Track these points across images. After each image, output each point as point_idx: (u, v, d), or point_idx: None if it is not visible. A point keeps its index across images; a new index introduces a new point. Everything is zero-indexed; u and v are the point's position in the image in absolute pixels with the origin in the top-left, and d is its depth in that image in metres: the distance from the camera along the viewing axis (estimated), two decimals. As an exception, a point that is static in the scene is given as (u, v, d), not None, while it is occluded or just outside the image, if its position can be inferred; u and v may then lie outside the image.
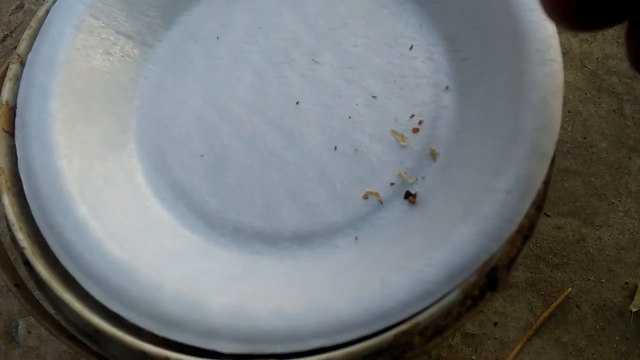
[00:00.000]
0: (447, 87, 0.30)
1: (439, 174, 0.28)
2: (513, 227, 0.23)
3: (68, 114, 0.28)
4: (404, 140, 0.29)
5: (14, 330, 0.52)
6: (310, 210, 0.28)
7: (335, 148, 0.30)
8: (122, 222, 0.27)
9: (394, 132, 0.30)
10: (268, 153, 0.30)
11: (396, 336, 0.22)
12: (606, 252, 0.50)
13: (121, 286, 0.24)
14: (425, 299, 0.22)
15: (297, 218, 0.28)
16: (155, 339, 0.24)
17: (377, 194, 0.29)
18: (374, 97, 0.31)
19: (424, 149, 0.29)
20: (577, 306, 0.48)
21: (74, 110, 0.29)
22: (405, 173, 0.29)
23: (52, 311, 0.27)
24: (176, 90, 0.32)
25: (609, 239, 0.51)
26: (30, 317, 0.49)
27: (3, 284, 0.49)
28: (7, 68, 0.30)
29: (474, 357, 0.47)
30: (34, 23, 0.31)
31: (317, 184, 0.29)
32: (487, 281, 0.25)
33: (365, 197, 0.29)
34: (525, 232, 0.25)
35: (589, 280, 0.49)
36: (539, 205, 0.26)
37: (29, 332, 0.51)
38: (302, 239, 0.28)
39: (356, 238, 0.28)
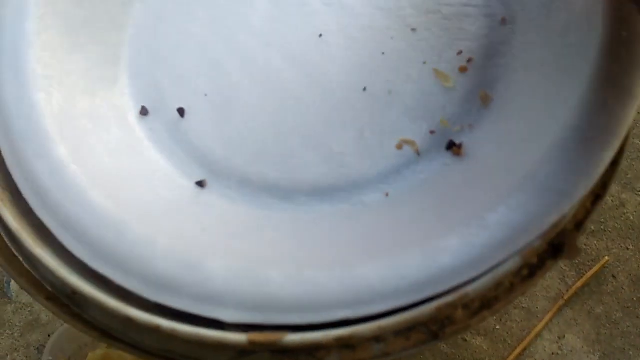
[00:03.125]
0: (503, 19, 0.25)
1: (491, 122, 0.23)
2: (590, 182, 0.19)
3: (48, 39, 0.24)
4: (448, 81, 0.25)
5: (5, 286, 0.49)
6: (332, 160, 0.24)
7: (365, 89, 0.25)
8: (108, 167, 0.22)
9: (436, 72, 0.25)
10: (284, 93, 0.25)
11: (439, 309, 0.18)
12: (648, 221, 0.46)
13: (105, 241, 0.20)
14: (477, 266, 0.18)
15: (317, 169, 0.24)
16: (146, 305, 0.20)
17: (413, 144, 0.24)
18: (413, 29, 0.26)
19: (472, 91, 0.24)
20: (614, 276, 0.45)
21: (55, 36, 0.24)
22: (449, 120, 0.24)
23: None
24: (177, 18, 0.27)
25: (651, 207, 0.46)
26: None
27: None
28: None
29: (498, 327, 0.43)
30: None
31: (342, 131, 0.25)
32: (548, 247, 0.20)
33: (399, 147, 0.24)
34: (598, 190, 0.21)
35: (628, 249, 0.45)
36: (614, 160, 0.22)
37: (21, 288, 0.48)
38: (322, 193, 0.24)
39: (387, 194, 0.23)
